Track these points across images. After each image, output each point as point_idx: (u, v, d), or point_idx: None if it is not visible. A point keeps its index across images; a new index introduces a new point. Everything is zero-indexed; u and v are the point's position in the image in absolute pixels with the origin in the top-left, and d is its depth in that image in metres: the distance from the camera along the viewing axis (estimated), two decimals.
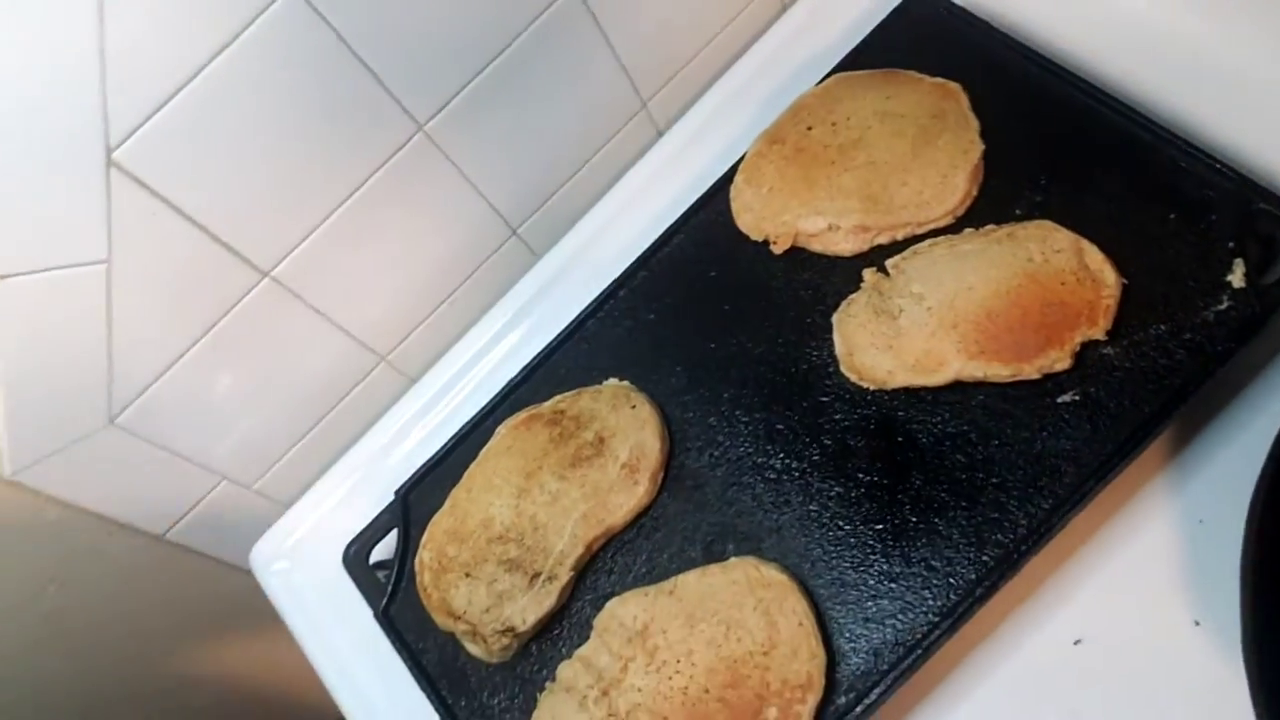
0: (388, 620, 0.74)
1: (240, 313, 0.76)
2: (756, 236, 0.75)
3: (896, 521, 0.63)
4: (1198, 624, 0.60)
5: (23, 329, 0.66)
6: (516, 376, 0.79)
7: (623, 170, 0.94)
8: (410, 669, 0.72)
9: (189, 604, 0.94)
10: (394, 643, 0.73)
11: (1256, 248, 0.62)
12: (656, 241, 0.80)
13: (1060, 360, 0.62)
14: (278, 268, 0.76)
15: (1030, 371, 0.62)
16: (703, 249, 0.78)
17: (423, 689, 0.71)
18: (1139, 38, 0.75)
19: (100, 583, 0.85)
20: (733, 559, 0.66)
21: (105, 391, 0.73)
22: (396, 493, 0.78)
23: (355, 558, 0.77)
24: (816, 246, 0.73)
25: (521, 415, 0.75)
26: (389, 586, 0.74)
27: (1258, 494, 0.53)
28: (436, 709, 0.70)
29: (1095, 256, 0.63)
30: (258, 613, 0.96)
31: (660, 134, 0.95)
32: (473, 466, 0.74)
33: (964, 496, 0.62)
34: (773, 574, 0.63)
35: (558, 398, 0.75)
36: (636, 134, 0.93)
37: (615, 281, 0.79)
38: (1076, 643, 0.62)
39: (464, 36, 0.74)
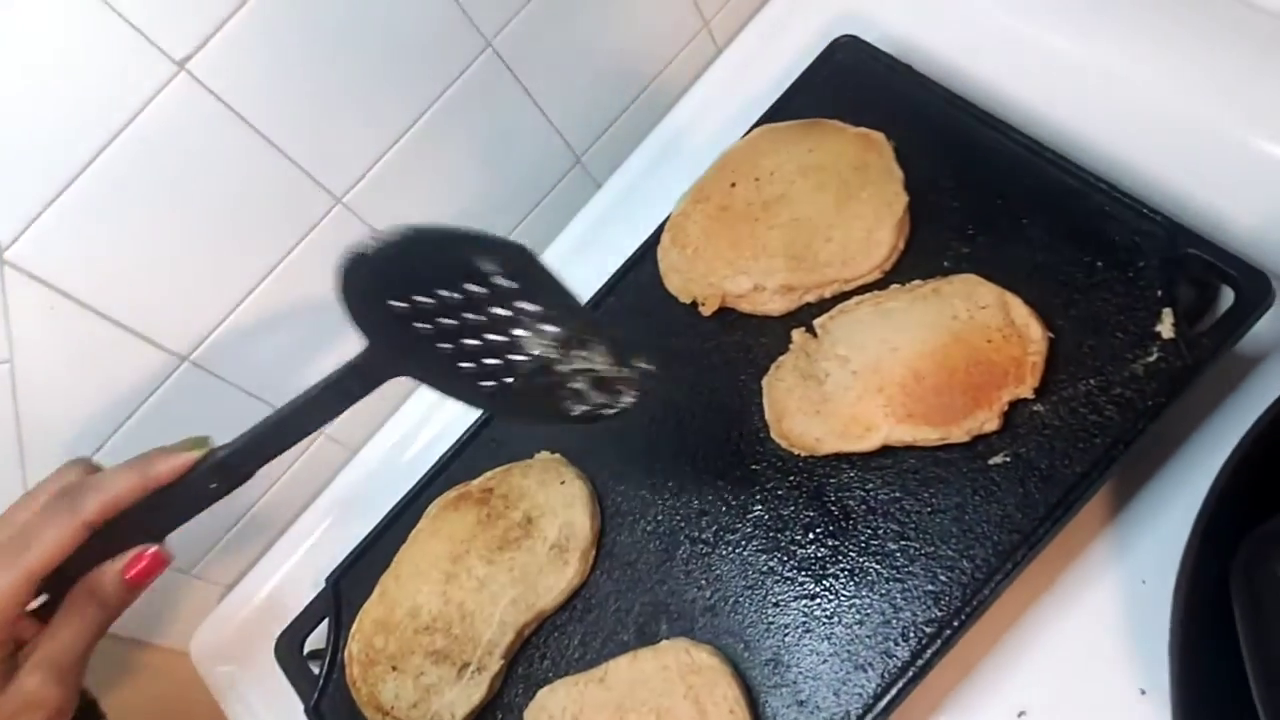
0: (319, 716, 0.71)
1: (163, 396, 0.74)
2: (685, 299, 0.73)
3: (830, 598, 0.61)
4: (1144, 692, 0.57)
5: None
6: (446, 453, 0.77)
7: (563, 223, 0.92)
8: None
9: (127, 689, 0.91)
10: None
11: (1185, 295, 0.60)
12: (587, 305, 0.78)
13: (989, 421, 0.60)
14: (196, 352, 0.74)
15: (959, 434, 0.60)
16: (634, 312, 0.76)
17: None
18: (1066, 81, 0.73)
19: None
20: (664, 642, 0.63)
21: (21, 487, 0.71)
22: (327, 580, 0.76)
23: (287, 648, 0.75)
24: (745, 307, 0.71)
25: (451, 494, 0.72)
26: (320, 680, 0.72)
27: (1186, 556, 0.51)
28: None
29: (1021, 310, 0.61)
30: (199, 697, 0.93)
31: (599, 186, 0.93)
32: (402, 550, 0.72)
33: (896, 568, 0.60)
34: (704, 658, 0.61)
35: (488, 474, 0.73)
36: (574, 187, 0.92)
37: None
38: (1020, 715, 0.60)
39: (375, 112, 0.73)
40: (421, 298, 0.51)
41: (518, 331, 0.53)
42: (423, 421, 0.87)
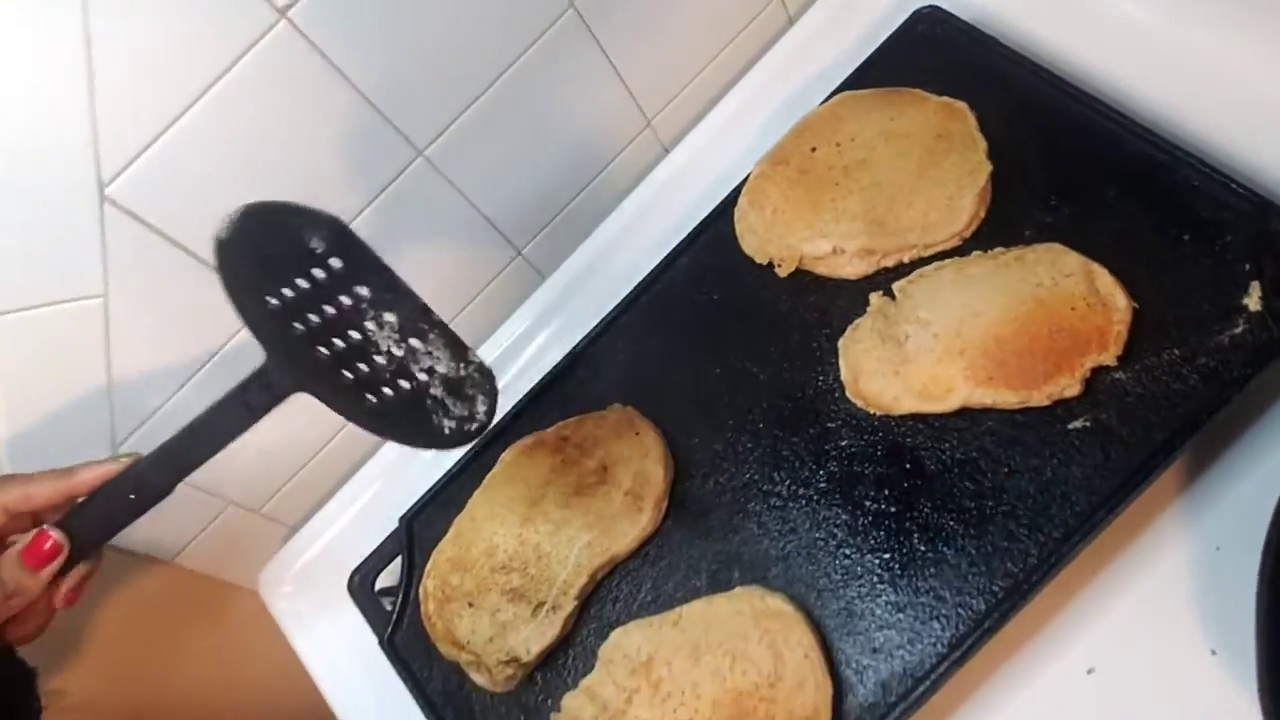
0: (392, 649, 0.73)
1: (235, 348, 0.76)
2: (761, 260, 0.74)
3: (904, 550, 0.62)
4: (1214, 653, 0.59)
5: (23, 363, 0.66)
6: (520, 401, 0.78)
7: (628, 189, 0.93)
8: (415, 698, 0.71)
9: (197, 624, 0.94)
10: (399, 671, 0.73)
11: (1273, 269, 0.61)
12: (659, 265, 0.79)
13: (1070, 387, 0.61)
14: None
15: (1039, 398, 0.61)
16: (707, 272, 0.77)
17: (427, 718, 0.71)
18: (1154, 53, 0.73)
19: (106, 609, 0.85)
20: (738, 589, 0.65)
21: (109, 422, 0.73)
22: (401, 519, 0.78)
23: (360, 585, 0.77)
24: (822, 269, 0.72)
25: (527, 440, 0.74)
26: (393, 615, 0.74)
27: (1276, 523, 0.52)
28: None
29: (1106, 280, 0.62)
30: (265, 632, 0.96)
31: (666, 151, 0.94)
32: (476, 494, 0.73)
33: (972, 525, 0.61)
34: (778, 604, 0.62)
35: (561, 423, 0.74)
36: (643, 151, 0.93)
37: (618, 306, 0.78)
38: (1089, 671, 0.61)
39: (458, 68, 0.74)
40: (284, 289, 0.55)
41: (368, 325, 0.56)
42: (496, 369, 0.88)
